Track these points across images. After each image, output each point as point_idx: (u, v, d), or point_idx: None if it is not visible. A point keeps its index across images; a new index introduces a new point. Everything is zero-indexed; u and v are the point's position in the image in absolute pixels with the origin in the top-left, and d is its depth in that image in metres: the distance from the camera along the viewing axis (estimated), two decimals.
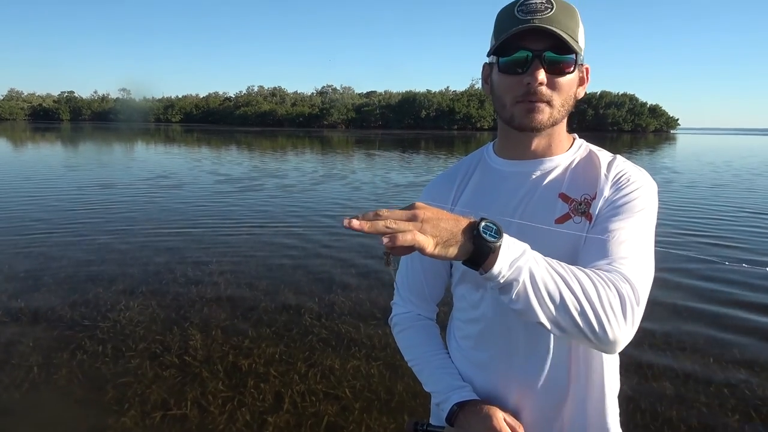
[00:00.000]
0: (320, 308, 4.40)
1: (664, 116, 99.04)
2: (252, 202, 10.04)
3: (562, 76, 0.95)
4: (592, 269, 0.85)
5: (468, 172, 1.14)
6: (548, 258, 0.83)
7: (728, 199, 11.09)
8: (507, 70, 0.97)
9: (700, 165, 20.71)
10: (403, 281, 1.26)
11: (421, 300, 1.24)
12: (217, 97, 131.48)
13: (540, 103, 0.96)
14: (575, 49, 0.94)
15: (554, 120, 0.98)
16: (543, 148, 1.05)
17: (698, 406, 3.01)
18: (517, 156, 1.07)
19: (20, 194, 10.28)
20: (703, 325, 4.11)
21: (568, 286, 0.80)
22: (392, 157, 23.38)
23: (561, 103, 0.97)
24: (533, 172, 1.05)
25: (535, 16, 0.92)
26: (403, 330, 1.24)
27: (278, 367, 3.38)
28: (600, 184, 1.00)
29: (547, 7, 0.93)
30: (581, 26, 0.98)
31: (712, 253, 6.32)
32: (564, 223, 0.99)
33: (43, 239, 6.61)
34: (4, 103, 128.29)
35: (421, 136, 53.79)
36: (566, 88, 0.97)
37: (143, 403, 2.94)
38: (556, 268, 0.82)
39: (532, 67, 0.94)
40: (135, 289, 4.78)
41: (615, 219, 0.94)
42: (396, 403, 3.00)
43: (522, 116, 0.97)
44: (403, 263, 1.26)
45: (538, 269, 0.79)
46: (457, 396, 1.08)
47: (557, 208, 1.01)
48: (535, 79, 0.93)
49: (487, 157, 1.13)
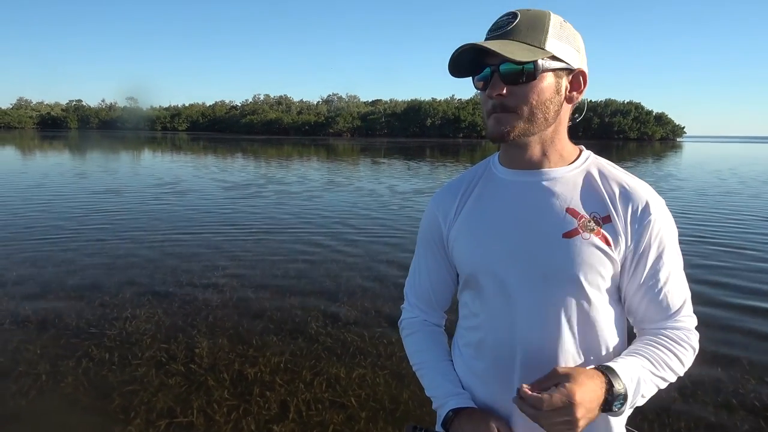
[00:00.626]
0: (326, 316, 4.40)
1: (670, 124, 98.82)
2: (257, 209, 10.06)
3: (522, 85, 0.97)
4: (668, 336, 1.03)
5: (472, 182, 1.15)
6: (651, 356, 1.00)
7: (735, 205, 11.03)
8: (477, 87, 1.02)
9: (705, 173, 20.61)
10: (411, 288, 1.27)
11: (427, 306, 1.25)
12: (223, 105, 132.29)
13: (503, 114, 0.99)
14: (531, 59, 0.94)
15: (527, 129, 1.00)
16: (539, 158, 1.05)
17: (706, 415, 2.99)
18: (518, 166, 1.07)
19: (28, 201, 10.34)
20: (711, 332, 4.07)
21: (670, 370, 1.01)
22: (398, 165, 23.41)
23: (530, 111, 0.98)
24: (538, 183, 1.05)
25: (494, 33, 0.98)
26: (409, 334, 1.26)
27: (284, 376, 3.38)
28: (614, 206, 1.01)
29: (510, 21, 0.97)
30: (557, 31, 0.98)
31: (720, 259, 6.28)
32: (572, 238, 1.00)
33: (50, 246, 6.64)
34: (13, 111, 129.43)
35: (426, 144, 53.87)
36: (532, 96, 0.97)
37: (149, 411, 2.95)
38: (657, 373, 0.99)
39: (492, 81, 0.98)
40: (142, 296, 4.80)
41: (659, 265, 1.02)
42: (401, 412, 2.98)
43: (492, 128, 1.01)
44: (411, 270, 1.28)
45: (648, 386, 0.97)
46: (454, 402, 1.08)
47: (565, 223, 1.01)
48: (492, 92, 0.98)
49: (493, 166, 1.14)
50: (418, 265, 1.25)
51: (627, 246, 1.00)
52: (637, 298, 1.04)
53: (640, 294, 1.04)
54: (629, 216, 1.00)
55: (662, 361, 1.00)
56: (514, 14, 0.97)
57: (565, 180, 1.04)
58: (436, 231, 1.18)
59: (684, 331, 1.04)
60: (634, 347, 1.03)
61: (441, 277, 1.22)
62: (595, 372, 0.92)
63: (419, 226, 1.25)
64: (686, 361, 1.03)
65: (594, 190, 1.03)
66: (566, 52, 0.98)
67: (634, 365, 0.96)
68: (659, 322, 1.05)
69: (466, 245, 1.10)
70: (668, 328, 1.04)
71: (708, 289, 5.16)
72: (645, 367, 0.98)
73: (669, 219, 1.03)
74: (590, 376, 0.90)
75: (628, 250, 1.01)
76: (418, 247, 1.25)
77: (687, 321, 1.05)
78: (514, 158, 1.07)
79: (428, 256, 1.22)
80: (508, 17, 0.98)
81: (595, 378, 0.90)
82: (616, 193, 1.02)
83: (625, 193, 1.01)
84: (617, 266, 1.02)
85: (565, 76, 1.00)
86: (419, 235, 1.24)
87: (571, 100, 1.03)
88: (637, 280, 1.03)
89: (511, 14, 0.98)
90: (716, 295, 4.99)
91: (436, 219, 1.17)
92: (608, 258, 1.00)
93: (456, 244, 1.13)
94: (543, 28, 0.96)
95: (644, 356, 1.00)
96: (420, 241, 1.24)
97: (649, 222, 1.00)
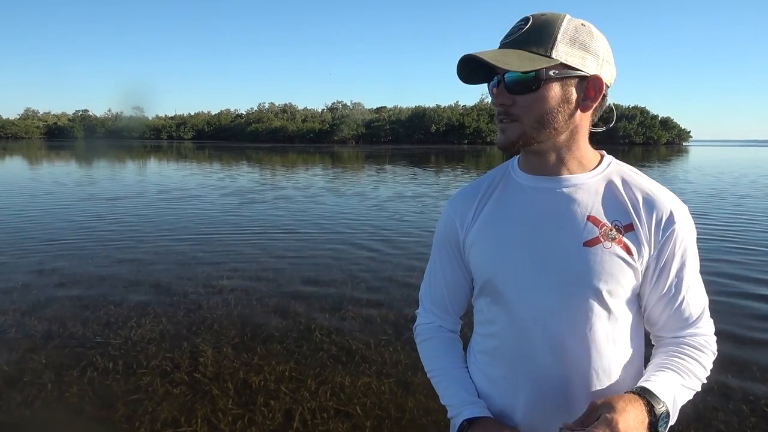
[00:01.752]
0: (330, 325, 4.39)
1: (676, 128, 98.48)
2: (262, 217, 10.07)
3: (524, 94, 0.95)
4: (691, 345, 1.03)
5: (491, 186, 1.13)
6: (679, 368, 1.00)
7: (746, 208, 10.96)
8: (490, 94, 1.02)
9: (712, 177, 20.51)
10: (426, 292, 1.25)
11: (442, 312, 1.23)
12: (228, 113, 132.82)
13: (508, 123, 0.99)
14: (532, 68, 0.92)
15: (532, 138, 0.98)
16: (556, 165, 1.03)
17: (716, 423, 2.95)
18: (537, 172, 1.05)
19: (32, 211, 10.40)
20: (721, 339, 4.02)
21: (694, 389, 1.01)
22: (403, 171, 23.41)
23: (535, 120, 0.96)
24: (558, 190, 1.03)
25: (505, 40, 0.98)
26: (424, 340, 1.23)
27: (288, 384, 3.36)
28: (637, 214, 0.99)
29: (521, 28, 0.96)
30: (569, 36, 0.94)
31: (734, 261, 6.22)
32: (593, 247, 0.98)
33: (54, 255, 6.66)
34: (20, 122, 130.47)
35: (431, 150, 53.88)
36: (535, 106, 0.95)
37: (153, 421, 2.93)
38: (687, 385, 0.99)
39: (498, 90, 0.98)
40: (146, 305, 4.80)
41: (682, 275, 1.01)
42: (407, 421, 2.96)
43: (498, 136, 1.02)
44: (426, 274, 1.26)
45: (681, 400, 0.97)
46: (469, 411, 1.06)
47: (586, 231, 0.99)
48: (496, 100, 0.99)
49: (512, 171, 1.12)
50: (434, 269, 1.23)
51: (650, 255, 0.99)
52: (660, 307, 1.04)
53: (662, 303, 1.03)
54: (653, 225, 0.98)
55: (690, 371, 1.00)
56: (527, 20, 0.96)
57: (586, 187, 1.02)
58: (452, 235, 1.15)
59: (705, 338, 1.05)
60: (660, 360, 1.02)
61: (457, 282, 1.19)
62: (632, 396, 0.90)
63: (435, 230, 1.23)
64: (709, 367, 1.04)
65: (616, 197, 1.01)
66: (579, 59, 0.94)
67: (668, 381, 0.96)
68: (680, 330, 1.05)
69: (483, 251, 1.09)
70: (690, 335, 1.05)
71: (717, 297, 5.11)
72: (677, 381, 0.98)
73: (692, 227, 1.02)
74: (629, 401, 0.89)
75: (651, 259, 0.99)
76: (433, 252, 1.23)
77: (706, 327, 1.06)
78: (532, 164, 1.06)
79: (444, 261, 1.19)
80: (520, 24, 0.97)
81: (634, 402, 0.89)
82: (640, 200, 1.00)
83: (648, 201, 1.00)
84: (639, 275, 1.00)
85: (575, 84, 0.96)
86: (435, 239, 1.22)
87: (586, 108, 0.99)
88: (660, 289, 1.02)
89: (524, 20, 0.96)
90: (729, 300, 4.94)
91: (453, 223, 1.15)
92: (630, 267, 0.98)
93: (473, 249, 1.11)
94: (551, 34, 0.93)
95: (673, 369, 1.00)
96: (436, 245, 1.22)
97: (674, 231, 0.98)
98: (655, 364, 1.02)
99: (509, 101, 0.96)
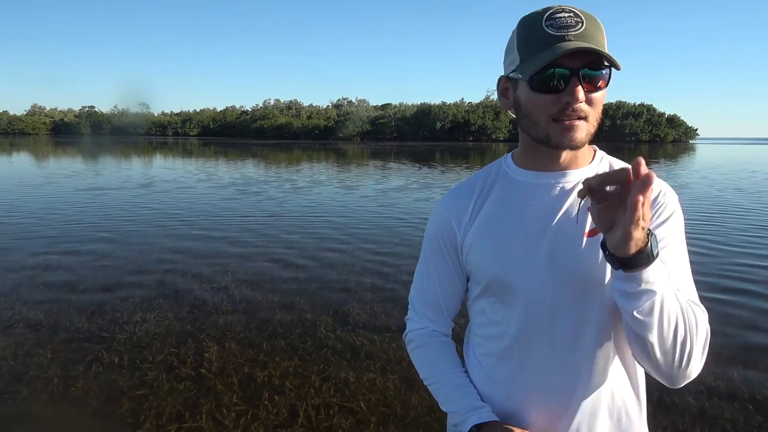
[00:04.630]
0: (335, 321, 4.39)
1: (683, 126, 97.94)
2: (267, 213, 10.08)
3: (598, 91, 0.93)
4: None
5: (487, 184, 1.11)
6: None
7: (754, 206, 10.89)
8: (541, 88, 0.93)
9: (719, 174, 20.39)
10: (418, 296, 1.22)
11: (436, 315, 1.20)
12: (234, 110, 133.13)
13: (579, 120, 0.94)
14: (609, 64, 0.91)
15: (591, 135, 0.97)
16: (569, 161, 1.03)
17: (722, 422, 2.93)
18: (541, 168, 1.04)
19: (37, 206, 10.46)
20: (727, 338, 4.01)
21: (685, 317, 0.88)
22: (408, 168, 23.38)
23: (596, 117, 0.96)
24: (557, 184, 1.02)
25: (568, 32, 0.89)
26: (418, 347, 1.20)
27: (293, 380, 3.36)
28: None
29: (578, 22, 0.90)
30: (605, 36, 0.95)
31: (743, 261, 6.19)
32: (595, 236, 0.98)
33: (60, 251, 6.70)
34: (27, 118, 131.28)
35: (436, 147, 53.80)
36: (601, 102, 0.95)
37: (158, 416, 2.94)
38: (678, 296, 0.89)
39: (571, 86, 0.90)
40: (152, 300, 4.81)
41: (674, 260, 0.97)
42: (411, 418, 2.96)
43: (560, 135, 0.94)
44: (417, 277, 1.23)
45: (669, 292, 0.86)
46: (476, 417, 1.04)
47: (587, 222, 0.99)
48: (575, 98, 0.91)
49: (507, 168, 1.10)
50: (426, 271, 1.19)
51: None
52: None
53: None
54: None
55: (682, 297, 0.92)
56: (576, 13, 0.90)
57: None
58: (448, 235, 1.12)
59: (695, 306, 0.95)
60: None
61: (452, 284, 1.16)
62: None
63: (426, 231, 1.19)
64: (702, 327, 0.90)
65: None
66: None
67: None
68: None
69: (487, 250, 1.06)
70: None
71: (724, 296, 5.09)
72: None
73: (679, 210, 1.01)
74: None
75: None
76: (424, 253, 1.19)
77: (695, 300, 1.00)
78: (544, 162, 1.04)
79: (438, 262, 1.16)
80: (572, 16, 0.90)
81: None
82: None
83: None
84: None
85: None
86: (426, 240, 1.19)
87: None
88: None
89: (573, 13, 0.90)
90: (728, 304, 4.92)
91: (449, 223, 1.12)
92: None
93: (474, 249, 1.08)
94: (604, 32, 0.93)
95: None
96: (428, 246, 1.18)
97: (662, 212, 0.98)
98: None
99: (584, 97, 0.92)
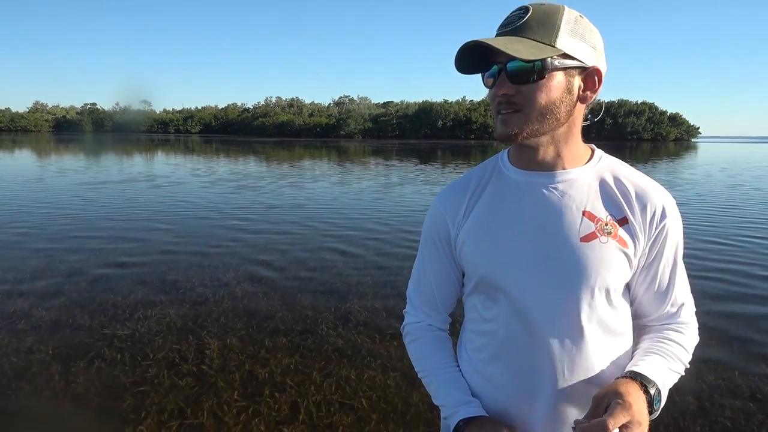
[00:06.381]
0: (336, 318, 4.39)
1: (685, 125, 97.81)
2: (268, 211, 10.09)
3: (527, 84, 0.93)
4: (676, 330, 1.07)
5: (482, 181, 1.11)
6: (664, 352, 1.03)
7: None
8: (487, 84, 1.00)
9: (722, 174, 20.35)
10: (415, 290, 1.23)
11: (432, 310, 1.21)
12: (235, 108, 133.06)
13: (511, 114, 0.96)
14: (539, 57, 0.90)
15: (535, 130, 0.97)
16: (552, 159, 1.02)
17: (723, 420, 2.93)
18: (531, 167, 1.04)
19: (39, 204, 10.47)
20: (727, 337, 4.00)
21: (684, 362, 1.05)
22: (410, 166, 23.37)
23: (538, 112, 0.95)
24: (552, 185, 1.02)
25: (503, 29, 0.96)
26: (413, 340, 1.21)
27: (294, 377, 3.37)
28: (630, 208, 1.01)
29: (521, 17, 0.94)
30: (570, 27, 0.94)
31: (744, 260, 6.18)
32: (590, 242, 0.98)
33: (63, 248, 6.71)
34: (29, 115, 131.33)
35: (437, 145, 53.76)
36: (540, 96, 0.94)
37: (160, 413, 2.95)
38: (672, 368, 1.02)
39: (499, 80, 0.95)
40: (153, 297, 4.82)
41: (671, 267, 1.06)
42: (412, 415, 2.96)
43: (498, 127, 0.99)
44: (414, 272, 1.24)
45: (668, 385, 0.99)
46: (464, 412, 1.05)
47: (582, 226, 0.99)
48: (498, 91, 0.96)
49: (502, 166, 1.10)
50: (423, 266, 1.20)
51: (643, 249, 1.02)
52: (647, 297, 1.08)
53: (650, 294, 1.07)
54: (647, 218, 1.00)
55: (675, 355, 1.03)
56: (526, 9, 0.94)
57: (580, 182, 1.02)
58: (442, 231, 1.13)
59: (688, 325, 1.09)
60: (647, 346, 1.06)
61: (447, 279, 1.17)
62: (627, 379, 0.93)
63: (423, 227, 1.21)
64: (691, 351, 1.07)
65: (609, 192, 1.02)
66: (579, 50, 0.94)
67: (655, 364, 0.99)
68: (666, 319, 1.09)
69: (479, 247, 1.07)
70: (675, 323, 1.09)
71: (725, 293, 5.08)
72: (663, 364, 1.01)
73: (680, 220, 1.05)
74: (627, 384, 0.91)
75: (643, 252, 1.02)
76: (421, 248, 1.21)
77: (690, 315, 1.10)
78: (526, 158, 1.04)
79: (433, 258, 1.17)
80: (519, 12, 0.95)
81: (632, 384, 0.92)
82: (632, 194, 1.01)
83: (640, 195, 1.01)
84: (634, 268, 1.03)
85: (577, 75, 0.96)
86: (423, 236, 1.20)
87: (585, 99, 0.99)
88: (649, 280, 1.06)
89: (523, 9, 0.95)
90: (729, 302, 4.91)
91: (443, 219, 1.13)
92: (627, 260, 1.00)
93: (466, 245, 1.09)
94: (555, 23, 0.92)
95: (659, 354, 1.03)
96: (424, 241, 1.19)
97: (666, 225, 1.01)
98: (642, 350, 1.05)
99: (512, 91, 0.94)
